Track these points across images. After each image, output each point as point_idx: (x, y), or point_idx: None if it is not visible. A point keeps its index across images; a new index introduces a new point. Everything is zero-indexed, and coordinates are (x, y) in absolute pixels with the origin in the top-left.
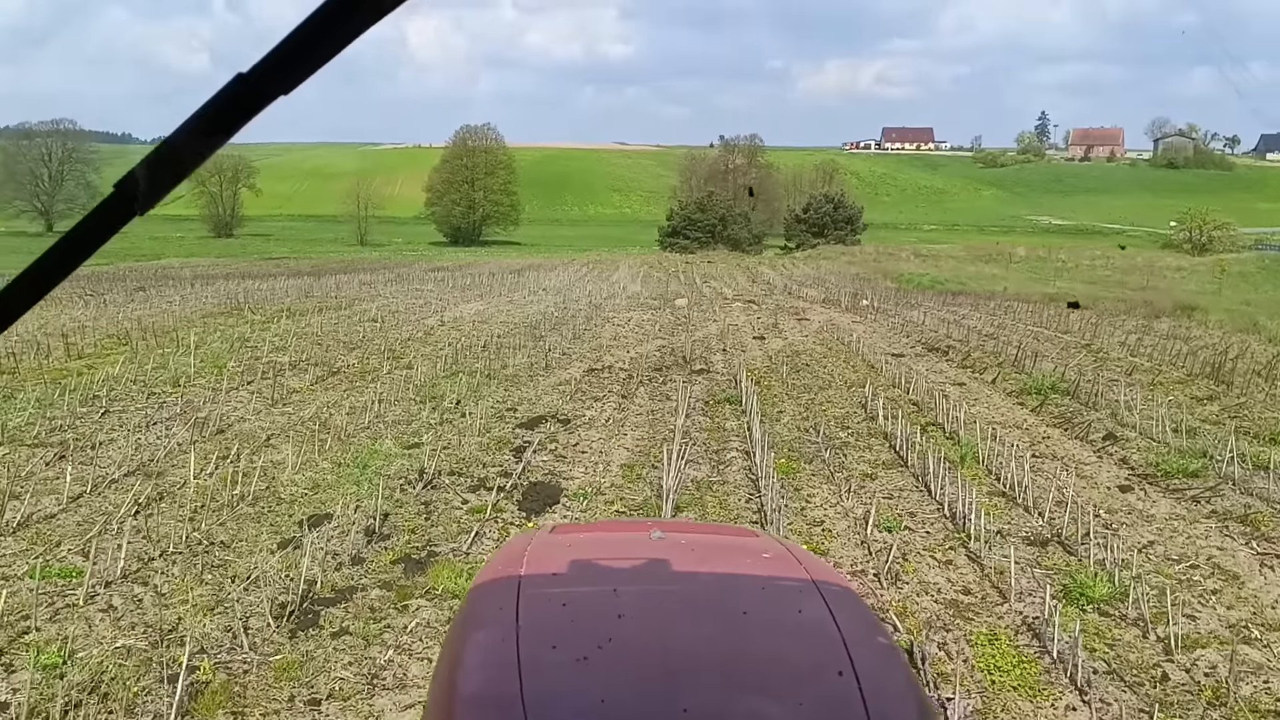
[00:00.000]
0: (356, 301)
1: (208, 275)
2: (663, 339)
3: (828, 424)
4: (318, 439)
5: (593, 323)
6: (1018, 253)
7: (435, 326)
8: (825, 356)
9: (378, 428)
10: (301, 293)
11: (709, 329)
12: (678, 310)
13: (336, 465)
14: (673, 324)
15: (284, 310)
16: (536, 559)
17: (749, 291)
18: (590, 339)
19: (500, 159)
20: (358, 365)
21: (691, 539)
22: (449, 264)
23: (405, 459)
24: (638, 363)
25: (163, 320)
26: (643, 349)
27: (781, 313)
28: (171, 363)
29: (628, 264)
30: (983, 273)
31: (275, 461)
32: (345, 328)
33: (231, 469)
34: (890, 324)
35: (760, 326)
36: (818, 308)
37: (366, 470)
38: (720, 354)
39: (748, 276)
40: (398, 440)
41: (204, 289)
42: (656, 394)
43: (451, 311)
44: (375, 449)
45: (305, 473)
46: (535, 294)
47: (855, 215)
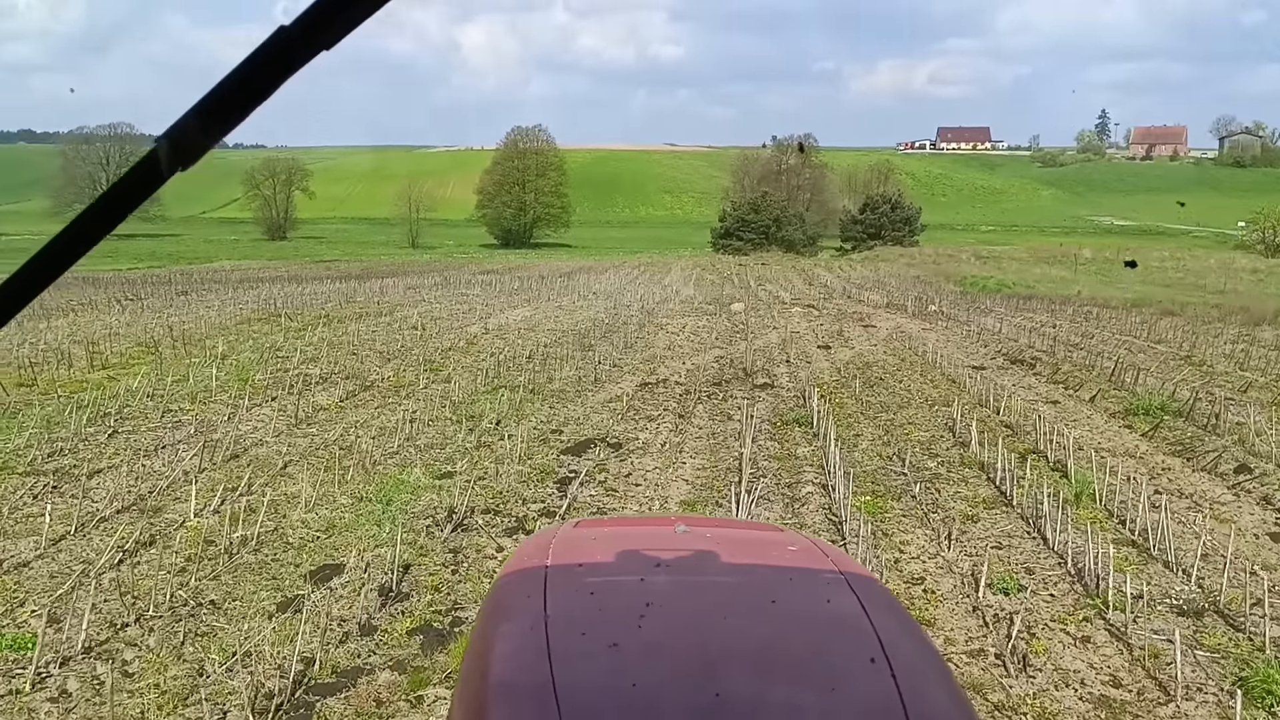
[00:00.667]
0: (399, 307)
1: (255, 279)
2: (720, 348)
3: (913, 450)
4: (339, 467)
5: (645, 330)
6: (1083, 254)
7: (478, 335)
8: (899, 369)
9: (407, 453)
10: (344, 298)
11: (769, 337)
12: (734, 316)
13: (357, 500)
14: (730, 331)
15: (322, 317)
16: (562, 551)
17: (807, 295)
18: (643, 348)
19: (551, 160)
20: (392, 379)
21: (717, 533)
22: (498, 266)
23: (435, 492)
24: (695, 376)
25: (197, 327)
26: (699, 359)
27: (845, 319)
28: (194, 375)
29: (680, 266)
30: (1049, 275)
31: (289, 495)
32: (384, 336)
33: (238, 505)
34: (963, 331)
35: (824, 334)
36: (882, 313)
37: (390, 507)
38: (784, 365)
39: (804, 279)
40: (428, 469)
41: (246, 293)
42: (717, 412)
43: (497, 318)
44: (402, 479)
45: (320, 510)
46: (585, 298)
47: (913, 216)
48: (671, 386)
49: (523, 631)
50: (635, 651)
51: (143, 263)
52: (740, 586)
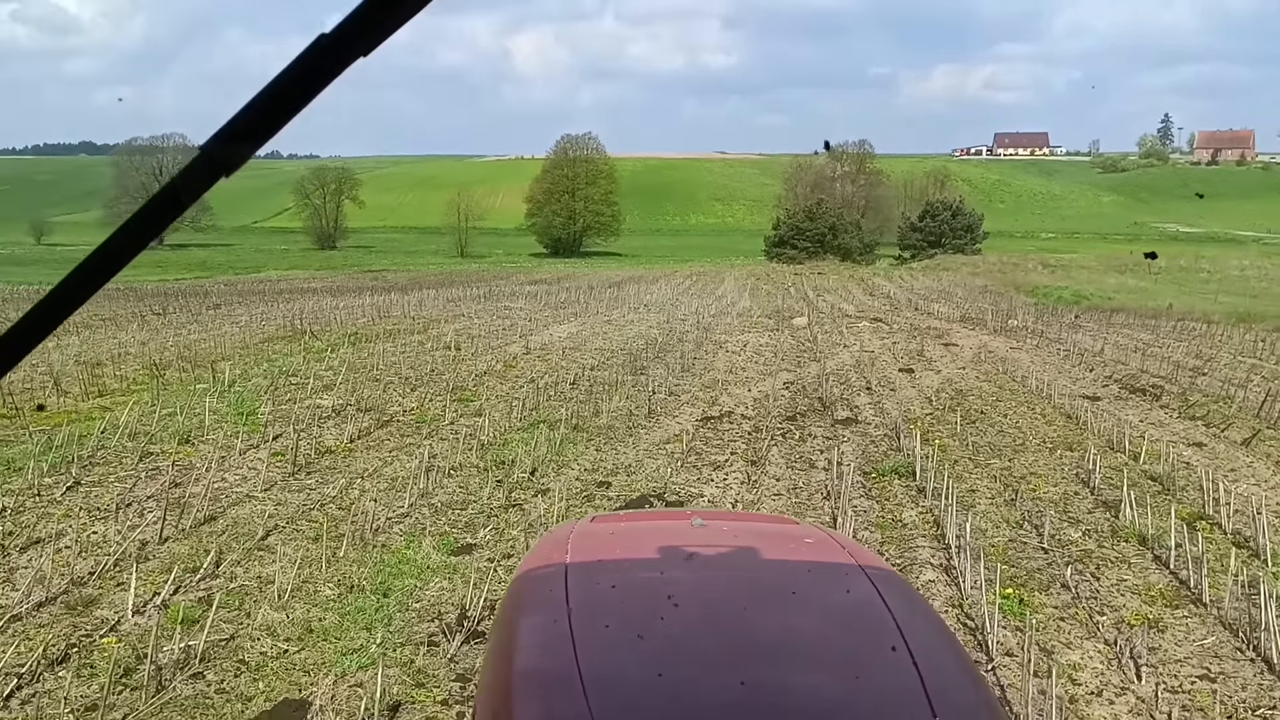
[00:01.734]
0: (435, 323)
1: (295, 290)
2: (789, 371)
3: (1046, 513)
4: (332, 537)
5: (703, 349)
6: (1157, 262)
7: (518, 356)
8: (999, 398)
9: (420, 514)
10: (379, 312)
11: (841, 357)
12: (798, 331)
13: (346, 590)
14: (796, 350)
15: (350, 335)
16: (580, 546)
17: (871, 307)
18: (701, 371)
19: (601, 169)
20: (415, 411)
21: (733, 526)
22: (546, 276)
23: (447, 576)
24: (764, 406)
25: (215, 346)
26: (767, 385)
27: (921, 335)
28: (192, 407)
29: (733, 275)
30: (1126, 285)
31: (261, 580)
32: (413, 358)
33: (193, 594)
34: (1058, 352)
35: (902, 354)
36: (959, 329)
37: (387, 601)
38: (864, 394)
39: (864, 289)
40: (442, 539)
41: (280, 307)
42: (795, 457)
43: (540, 335)
44: (407, 556)
45: (297, 605)
46: (636, 311)
47: (975, 223)
48: (738, 421)
49: (546, 623)
50: (660, 642)
51: (191, 272)
52: (760, 578)
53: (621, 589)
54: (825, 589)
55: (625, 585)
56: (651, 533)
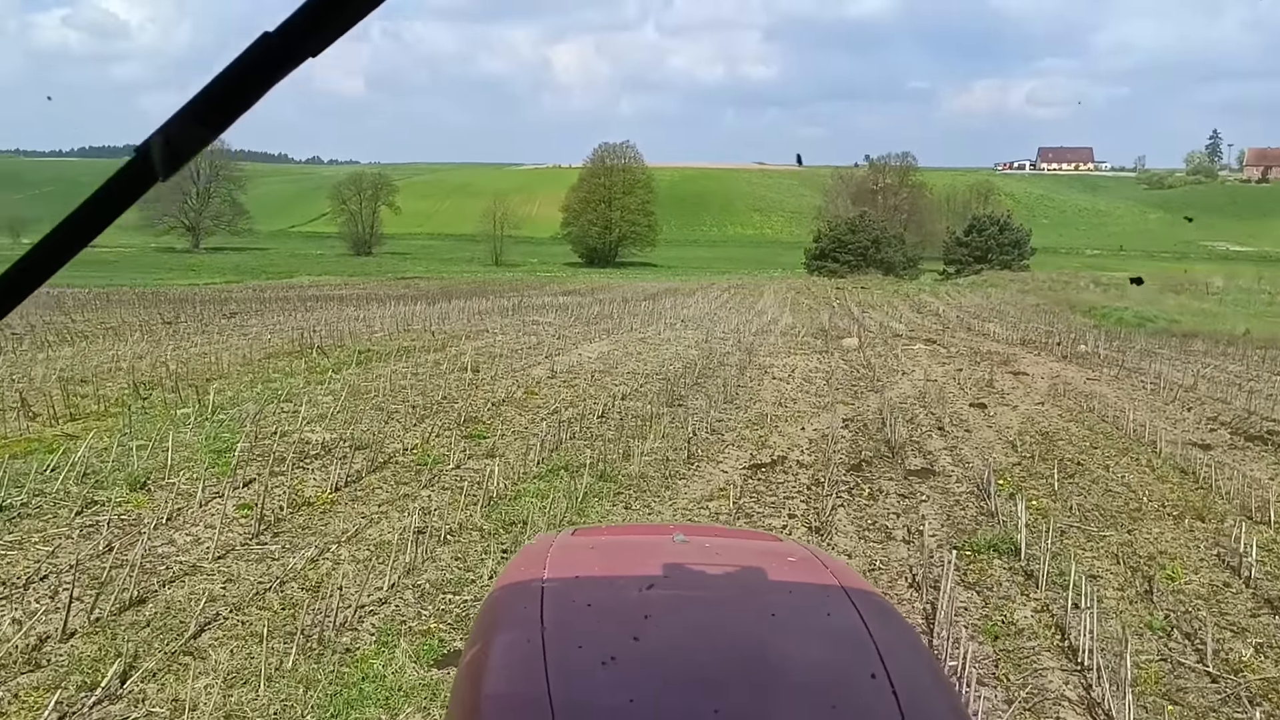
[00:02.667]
0: (456, 339)
1: (321, 297)
2: (846, 403)
3: (1196, 615)
4: (283, 634)
5: (747, 374)
6: (1214, 283)
7: (542, 380)
8: (1094, 444)
9: (400, 600)
10: (400, 325)
11: (901, 387)
12: (849, 354)
13: None
14: (850, 376)
15: (361, 352)
16: (559, 561)
17: (921, 326)
18: (746, 402)
19: (639, 178)
20: (418, 449)
21: (715, 543)
22: (580, 286)
23: (422, 708)
24: (821, 449)
25: (213, 362)
26: (822, 421)
27: (983, 361)
28: (164, 439)
29: (773, 289)
30: (1188, 307)
31: (174, 707)
32: (426, 381)
33: None
34: (1143, 385)
35: (968, 383)
36: (1024, 354)
37: None
38: (936, 434)
39: (911, 306)
40: (423, 644)
41: (296, 317)
42: (866, 522)
43: (568, 355)
44: (374, 670)
45: None
46: (672, 327)
47: (1023, 238)
48: (792, 470)
49: (518, 643)
50: (633, 665)
51: (222, 277)
52: (739, 599)
53: (598, 607)
54: (806, 611)
55: (601, 603)
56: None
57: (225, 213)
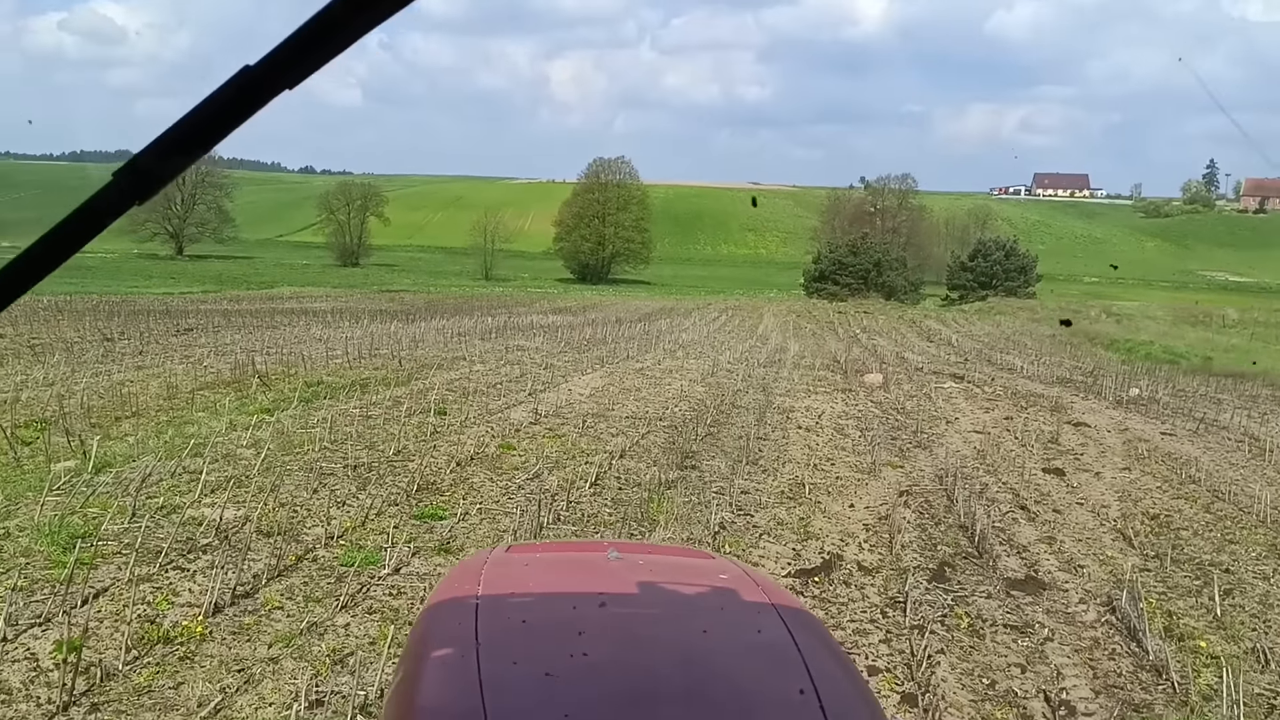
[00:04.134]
0: (428, 368)
1: (293, 310)
2: (894, 464)
3: None
4: None
5: (766, 421)
6: (1229, 315)
7: (523, 425)
8: (1229, 537)
9: None
10: (368, 348)
11: (951, 442)
12: (873, 392)
13: None
14: (886, 424)
15: (312, 385)
16: (493, 577)
17: (938, 358)
18: (773, 462)
19: (634, 194)
20: (349, 535)
21: (648, 559)
22: (572, 304)
23: None
24: (882, 539)
25: (135, 394)
26: (872, 493)
27: (1029, 405)
28: (13, 513)
29: (772, 311)
30: (1213, 341)
31: None
32: (380, 427)
33: None
34: (1230, 442)
35: (1028, 438)
36: (1070, 397)
37: None
38: (1020, 516)
39: (919, 333)
40: None
41: (255, 336)
42: (979, 679)
43: (556, 391)
44: None
45: None
46: (672, 355)
47: (1029, 264)
48: (853, 578)
49: (454, 659)
50: (568, 681)
51: (201, 285)
52: (671, 616)
53: (532, 624)
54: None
55: (536, 620)
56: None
57: (210, 220)
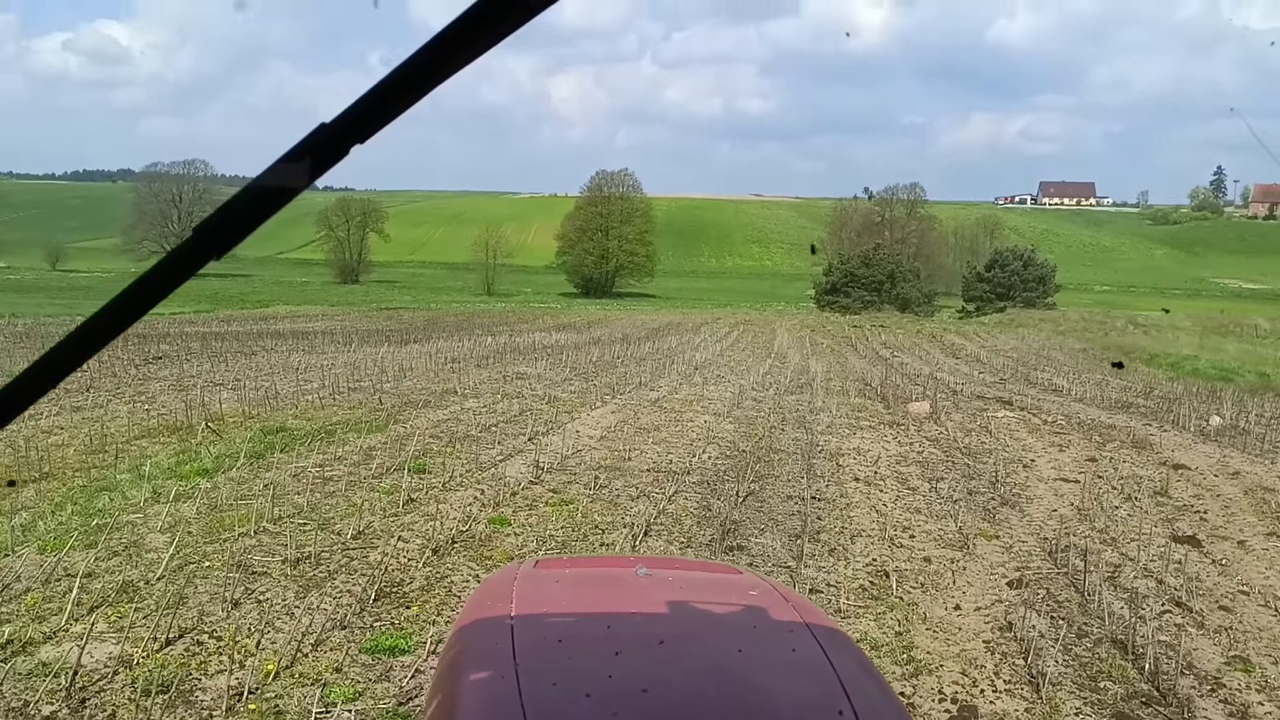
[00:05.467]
0: (410, 407)
1: (281, 333)
2: (986, 534)
3: None
4: None
5: (816, 470)
6: (1260, 325)
7: (520, 485)
8: None
9: None
10: (348, 379)
11: (1039, 495)
12: (923, 425)
13: None
14: (953, 470)
15: (270, 432)
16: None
17: (971, 377)
18: (837, 532)
19: (637, 207)
20: (268, 687)
21: (678, 575)
22: (576, 319)
23: None
24: (1017, 674)
25: (60, 444)
26: (978, 587)
27: (1101, 438)
28: None
29: (785, 326)
30: (1256, 354)
31: None
32: (341, 494)
33: None
34: None
35: (1133, 490)
36: (1142, 427)
37: None
38: (1187, 621)
39: (942, 349)
40: None
41: (224, 366)
42: None
43: (561, 433)
44: None
45: None
46: (689, 380)
47: (1048, 274)
48: None
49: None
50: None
51: (194, 305)
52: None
53: (568, 643)
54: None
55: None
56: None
57: None
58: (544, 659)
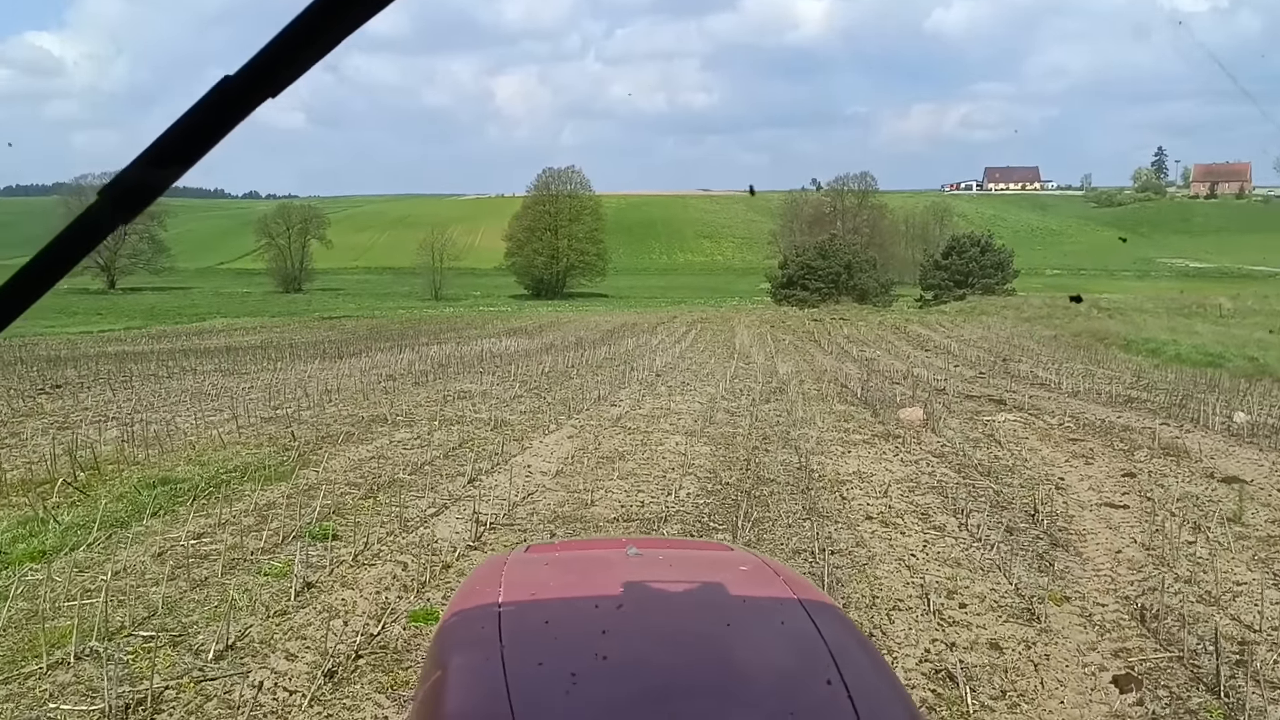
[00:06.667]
0: (331, 441)
1: (209, 350)
2: (1056, 596)
3: None
4: None
5: (817, 506)
6: (1224, 304)
7: (454, 550)
8: None
9: None
10: (264, 408)
11: (1091, 529)
12: (921, 436)
13: None
14: (979, 499)
15: (148, 485)
16: (514, 579)
17: (948, 371)
18: (866, 605)
19: (586, 205)
20: None
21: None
22: (527, 323)
23: None
24: None
25: None
26: (1073, 686)
27: (1130, 447)
28: None
29: (744, 322)
30: (1236, 337)
31: None
32: (214, 583)
33: None
34: None
35: (1197, 517)
36: (1170, 430)
37: None
38: None
39: (909, 341)
40: None
41: (123, 394)
42: None
43: (508, 472)
44: None
45: None
46: (652, 390)
47: (1005, 260)
48: None
49: (478, 663)
50: (594, 681)
51: (126, 321)
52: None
53: (555, 624)
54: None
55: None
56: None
57: (144, 251)
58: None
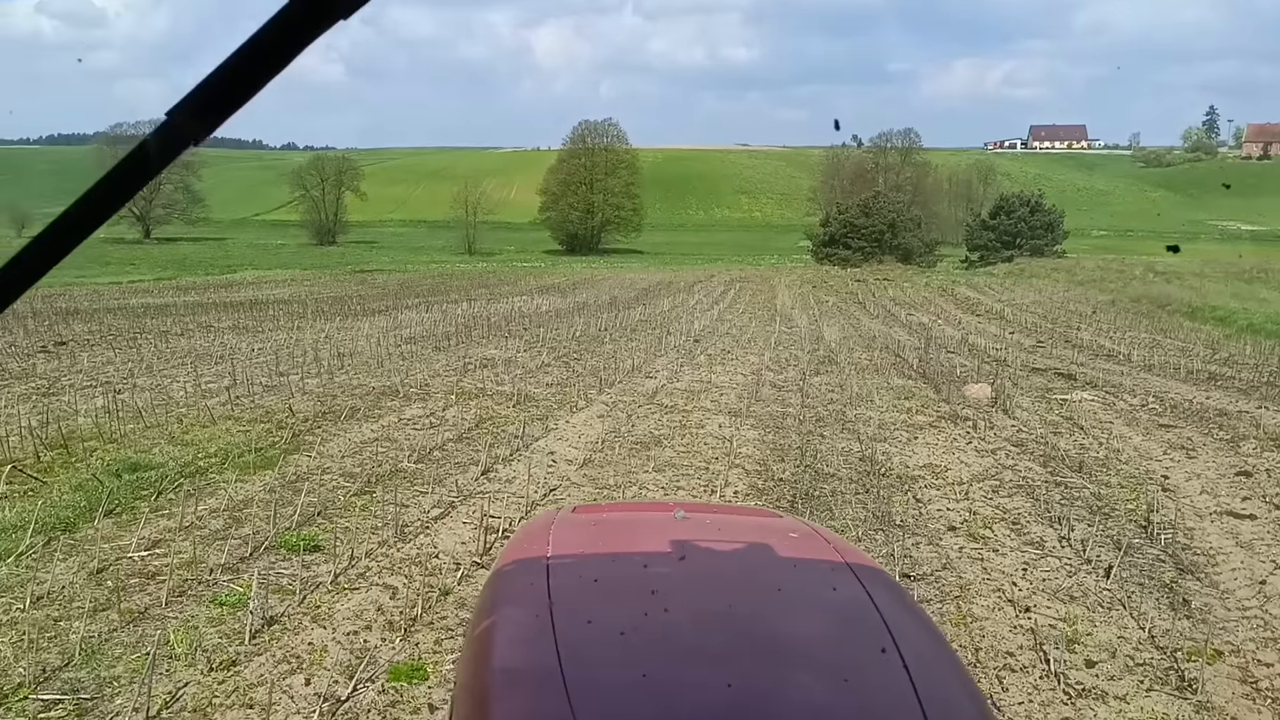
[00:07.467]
0: (332, 419)
1: (232, 304)
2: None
3: None
4: None
5: (891, 511)
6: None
7: (456, 569)
8: None
9: None
10: (266, 376)
11: (1221, 548)
12: (993, 418)
13: None
14: (1076, 505)
15: (114, 478)
16: (561, 538)
17: (1003, 339)
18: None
19: (623, 158)
20: None
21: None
22: (560, 280)
23: None
24: None
25: None
26: None
27: (1231, 436)
28: None
29: (784, 282)
30: None
31: None
32: (155, 614)
33: None
34: None
35: None
36: (1261, 411)
37: None
38: None
39: (957, 304)
40: None
41: (127, 353)
42: None
43: (528, 460)
44: None
45: None
46: (690, 359)
47: (1056, 220)
48: None
49: (527, 619)
50: (643, 640)
51: (156, 272)
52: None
53: (604, 583)
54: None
55: (608, 579)
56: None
57: (179, 201)
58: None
